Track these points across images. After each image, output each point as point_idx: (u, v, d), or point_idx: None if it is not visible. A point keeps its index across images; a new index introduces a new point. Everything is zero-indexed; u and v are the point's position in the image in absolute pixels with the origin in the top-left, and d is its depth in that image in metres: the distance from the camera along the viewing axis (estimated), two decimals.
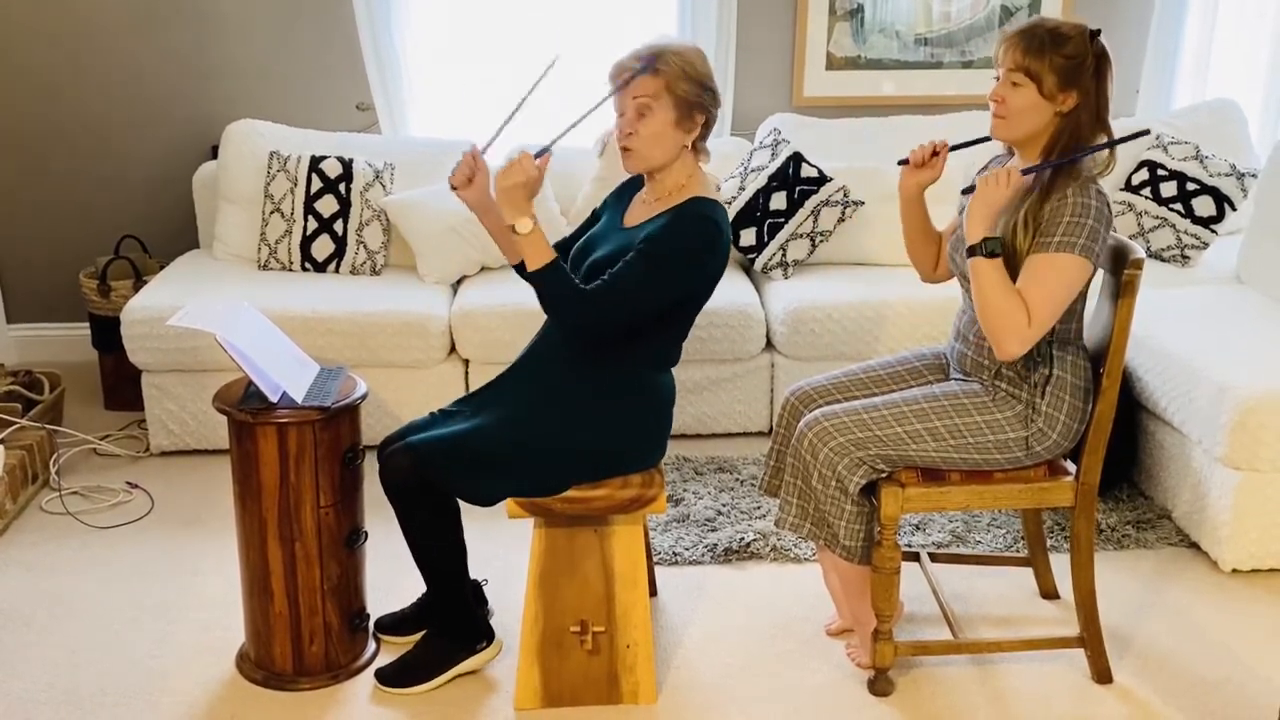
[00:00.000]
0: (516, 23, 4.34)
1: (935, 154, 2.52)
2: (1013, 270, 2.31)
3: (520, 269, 2.43)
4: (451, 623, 2.58)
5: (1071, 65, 2.28)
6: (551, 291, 2.32)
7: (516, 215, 2.29)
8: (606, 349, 2.42)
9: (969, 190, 2.36)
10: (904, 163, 2.54)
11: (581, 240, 2.59)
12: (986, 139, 2.47)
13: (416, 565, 2.52)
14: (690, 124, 2.38)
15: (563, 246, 2.64)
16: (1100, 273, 2.48)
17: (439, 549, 2.49)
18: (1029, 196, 2.31)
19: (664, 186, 2.44)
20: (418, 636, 2.67)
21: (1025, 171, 2.31)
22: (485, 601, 2.78)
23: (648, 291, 2.32)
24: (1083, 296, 2.40)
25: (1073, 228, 2.25)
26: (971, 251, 2.29)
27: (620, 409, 2.44)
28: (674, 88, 2.34)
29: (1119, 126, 4.24)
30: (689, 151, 2.43)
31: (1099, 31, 2.31)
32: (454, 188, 2.46)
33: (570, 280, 2.32)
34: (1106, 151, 2.34)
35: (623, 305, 2.32)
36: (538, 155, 2.31)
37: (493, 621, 2.74)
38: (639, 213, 2.48)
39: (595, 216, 2.66)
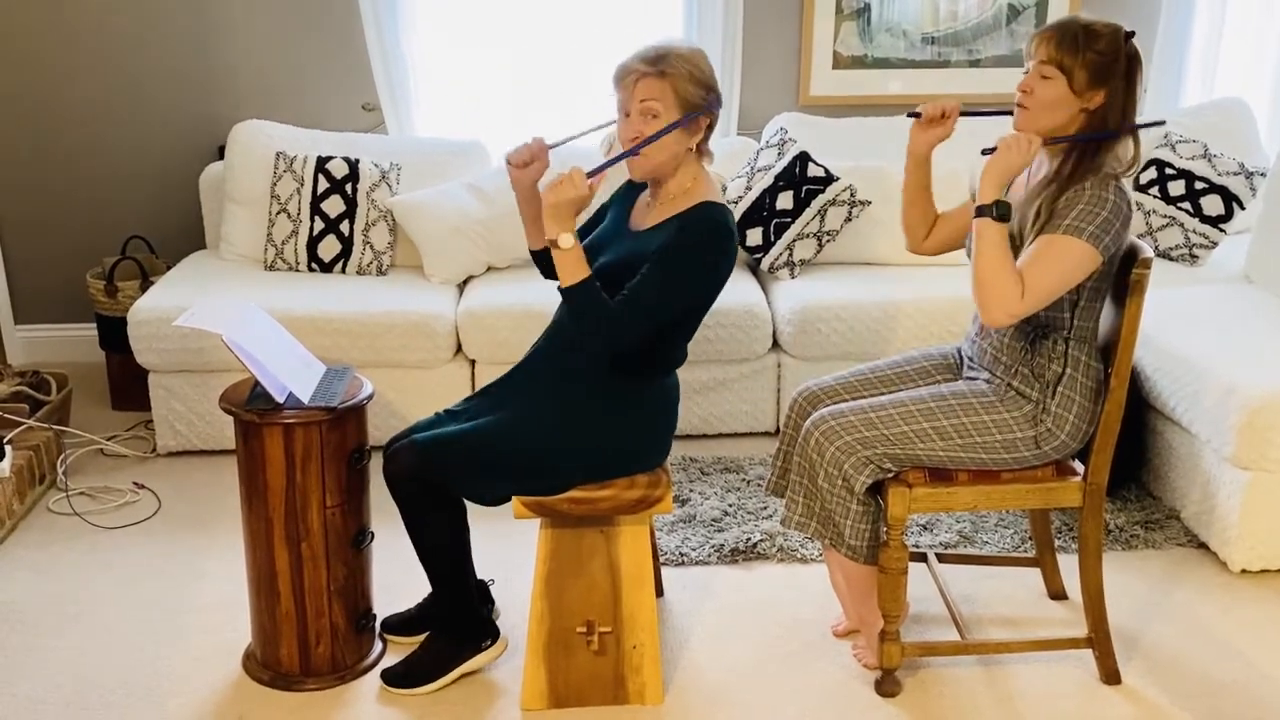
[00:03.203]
0: (522, 23, 4.34)
1: (944, 116, 2.50)
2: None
3: (540, 263, 2.57)
4: (456, 622, 2.58)
5: (1103, 63, 2.28)
6: (581, 308, 2.31)
7: (559, 230, 2.27)
8: (619, 355, 2.41)
9: (989, 151, 2.34)
10: (915, 115, 2.51)
11: (587, 240, 2.58)
12: (1006, 112, 2.43)
13: (421, 563, 2.52)
14: (694, 127, 2.36)
15: None
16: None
17: (443, 547, 2.49)
18: (1045, 189, 2.31)
19: (669, 190, 2.42)
20: (424, 637, 2.67)
21: (1049, 142, 2.31)
22: (491, 601, 2.78)
23: (667, 304, 2.33)
24: (1101, 296, 2.40)
25: (1085, 215, 2.25)
26: (981, 211, 2.27)
27: (624, 410, 2.44)
28: (680, 90, 2.31)
29: None
30: (693, 154, 2.41)
31: (1133, 33, 2.31)
32: (509, 162, 2.49)
33: (601, 299, 2.30)
34: (1132, 150, 2.33)
35: (644, 320, 2.31)
36: (591, 174, 2.28)
37: (499, 622, 2.74)
38: (645, 216, 2.46)
39: (600, 215, 2.65)
